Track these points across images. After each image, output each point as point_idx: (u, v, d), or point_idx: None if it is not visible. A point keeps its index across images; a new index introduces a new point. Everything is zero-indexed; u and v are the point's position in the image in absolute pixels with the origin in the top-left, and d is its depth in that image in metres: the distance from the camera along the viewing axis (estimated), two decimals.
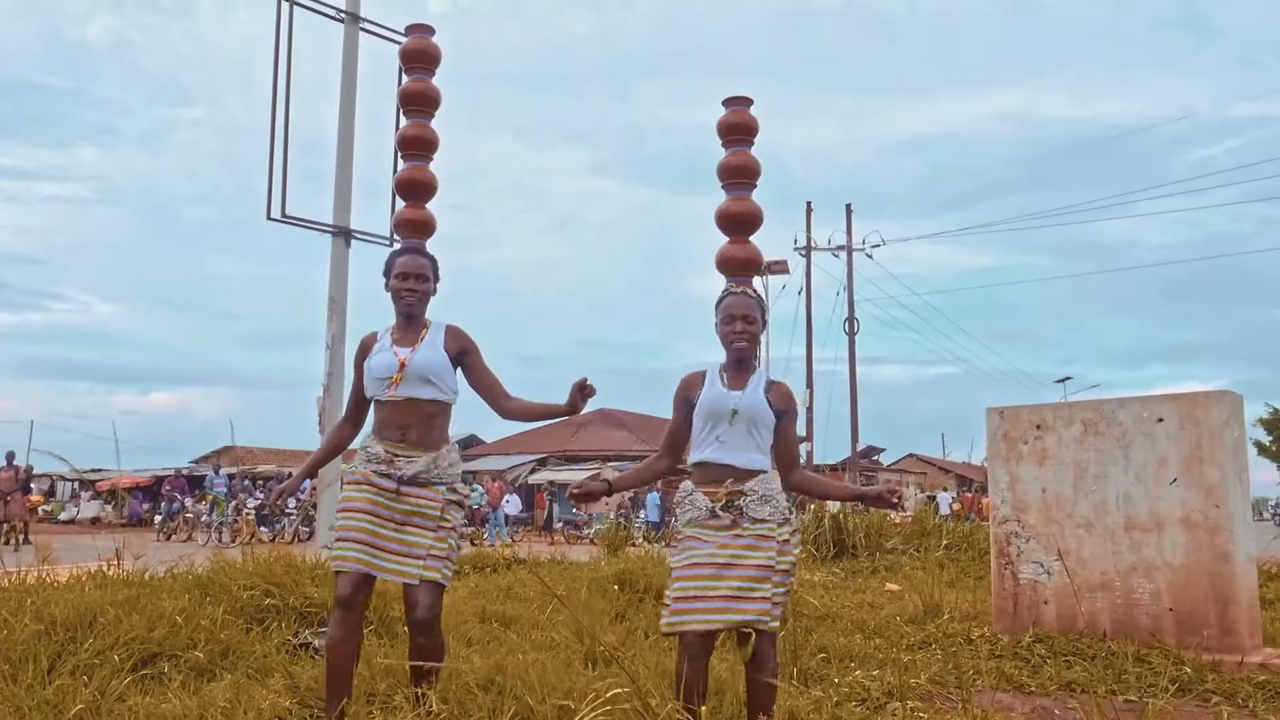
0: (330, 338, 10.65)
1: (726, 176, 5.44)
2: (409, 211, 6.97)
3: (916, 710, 4.27)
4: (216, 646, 4.71)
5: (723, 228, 5.47)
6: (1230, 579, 5.42)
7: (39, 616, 4.60)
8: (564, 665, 4.69)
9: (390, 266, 4.02)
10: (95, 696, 3.87)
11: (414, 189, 6.96)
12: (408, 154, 6.99)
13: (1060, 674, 5.10)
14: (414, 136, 6.93)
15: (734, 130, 5.44)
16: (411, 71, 6.93)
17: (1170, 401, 5.77)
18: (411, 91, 6.88)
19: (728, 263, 5.42)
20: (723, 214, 5.46)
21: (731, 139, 5.43)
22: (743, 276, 5.39)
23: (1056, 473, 6.05)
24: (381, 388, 3.86)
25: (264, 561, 6.00)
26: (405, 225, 6.91)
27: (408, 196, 6.99)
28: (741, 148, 5.45)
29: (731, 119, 5.46)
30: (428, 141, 7.00)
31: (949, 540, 11.92)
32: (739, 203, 5.44)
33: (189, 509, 24.16)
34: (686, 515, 3.49)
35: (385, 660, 4.43)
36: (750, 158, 5.46)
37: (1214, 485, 5.53)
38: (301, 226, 10.77)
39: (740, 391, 3.55)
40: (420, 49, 6.88)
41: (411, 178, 6.95)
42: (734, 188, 5.44)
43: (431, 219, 7.04)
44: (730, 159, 5.45)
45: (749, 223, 5.52)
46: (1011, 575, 6.13)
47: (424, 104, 6.94)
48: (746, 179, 5.48)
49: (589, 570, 7.94)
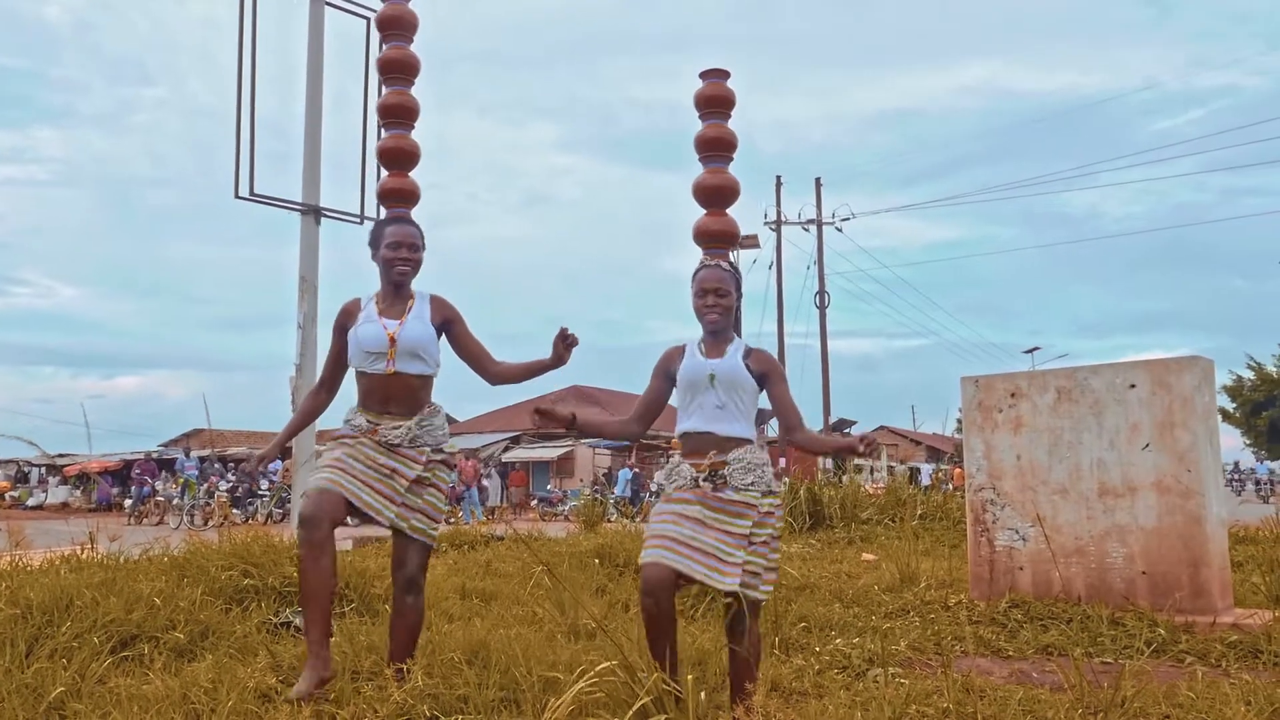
0: (302, 317, 10.57)
1: (704, 149, 5.43)
2: (393, 180, 6.92)
3: (897, 676, 4.32)
4: (196, 627, 4.68)
5: (700, 200, 5.46)
6: (1202, 542, 5.50)
7: (14, 601, 4.55)
8: (547, 639, 4.70)
9: (379, 236, 3.95)
10: (75, 679, 3.84)
11: (397, 157, 6.91)
12: (389, 122, 6.93)
13: (1037, 638, 5.17)
14: (395, 104, 6.87)
15: (711, 103, 5.42)
16: (389, 39, 6.86)
17: (1142, 368, 5.83)
18: (390, 59, 6.81)
19: (704, 235, 5.41)
20: (700, 186, 5.45)
21: (708, 111, 5.40)
22: (720, 249, 5.40)
23: (1031, 440, 6.11)
24: (369, 361, 3.82)
25: (241, 542, 5.97)
26: (390, 195, 6.85)
27: (391, 165, 6.93)
28: (718, 120, 5.43)
29: (708, 91, 5.44)
30: (408, 109, 6.93)
31: (923, 510, 12.02)
32: (716, 175, 5.43)
33: (159, 492, 23.97)
34: (673, 484, 3.51)
35: (367, 638, 4.43)
36: (727, 130, 5.44)
37: (1186, 450, 5.60)
38: (270, 205, 10.66)
39: (719, 359, 3.57)
40: (397, 15, 6.81)
41: (395, 146, 6.89)
42: (711, 160, 5.43)
43: (416, 187, 6.98)
44: (707, 131, 5.43)
45: (726, 195, 5.51)
46: (987, 542, 6.19)
47: (404, 71, 6.87)
48: (723, 152, 5.47)
49: (568, 545, 7.95)
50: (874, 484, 19.56)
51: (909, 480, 16.97)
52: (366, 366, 3.84)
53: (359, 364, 3.85)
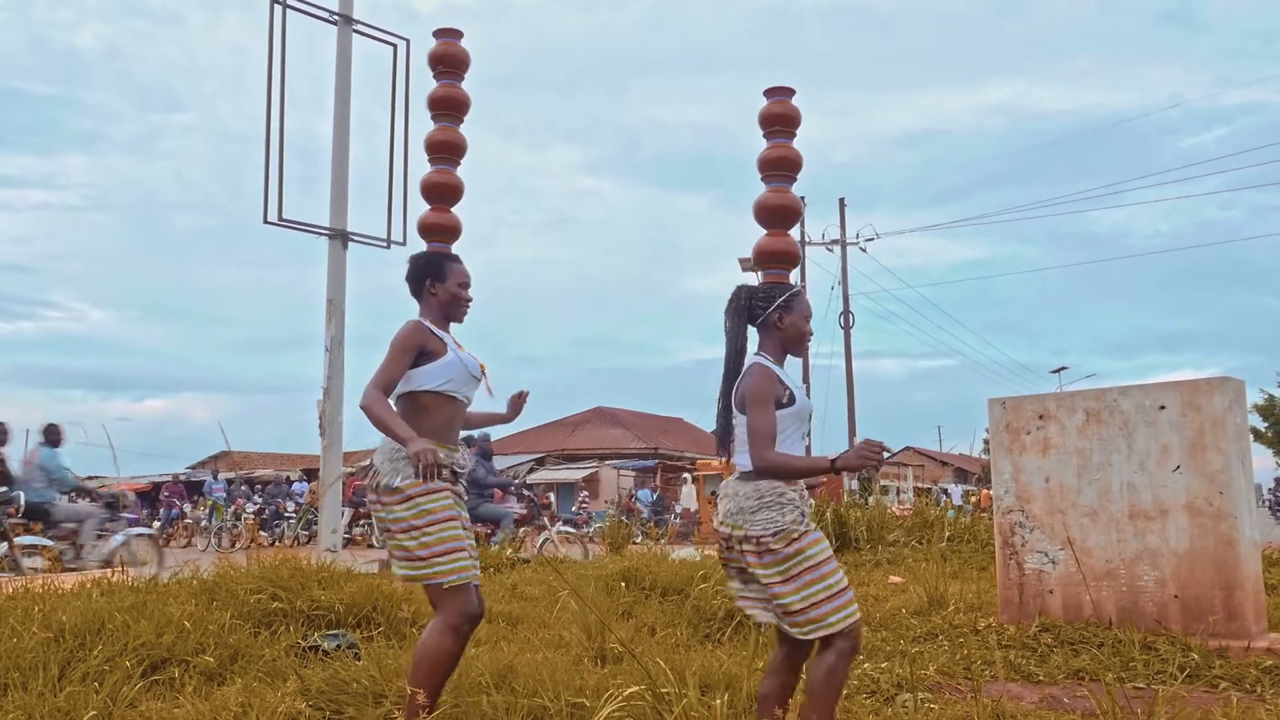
0: (329, 340, 10.66)
1: (767, 169, 5.39)
2: (434, 215, 6.98)
3: (926, 701, 4.29)
4: (226, 651, 4.71)
5: (761, 220, 5.42)
6: (1235, 565, 5.43)
7: (47, 624, 4.60)
8: (574, 663, 4.70)
9: (444, 270, 3.88)
10: (107, 703, 3.88)
11: (442, 193, 6.99)
12: (435, 158, 7.00)
13: (1068, 663, 5.11)
14: (443, 141, 6.96)
15: (776, 121, 5.38)
16: (441, 76, 6.93)
17: (1172, 389, 5.78)
18: (441, 97, 6.89)
19: (765, 255, 5.36)
20: (761, 206, 5.41)
21: (773, 130, 5.37)
22: (781, 270, 5.36)
23: (1060, 462, 6.06)
24: (468, 387, 3.79)
25: (269, 565, 6.01)
26: (433, 229, 6.90)
27: (435, 200, 6.99)
28: (783, 140, 5.40)
29: (773, 110, 5.41)
30: (456, 146, 7.03)
31: (951, 532, 11.93)
32: (779, 194, 5.39)
33: (188, 515, 24.14)
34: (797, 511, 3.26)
35: (395, 662, 4.44)
36: (792, 150, 5.42)
37: (1217, 471, 5.54)
38: (299, 230, 10.78)
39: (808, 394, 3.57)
40: (449, 53, 6.88)
41: (441, 181, 6.97)
42: (774, 179, 5.40)
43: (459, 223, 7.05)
44: (771, 151, 5.40)
45: (789, 215, 5.49)
46: (1016, 565, 6.14)
47: (454, 108, 6.95)
48: (788, 171, 5.44)
49: (593, 568, 7.94)
50: (900, 505, 19.44)
51: (948, 505, 16.81)
52: (459, 392, 3.76)
53: (455, 388, 3.75)
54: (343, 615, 5.52)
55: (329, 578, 6.00)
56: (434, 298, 3.87)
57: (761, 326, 3.51)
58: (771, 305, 3.48)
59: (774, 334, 3.50)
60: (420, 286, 3.89)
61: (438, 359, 3.71)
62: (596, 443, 39.90)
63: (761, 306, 3.50)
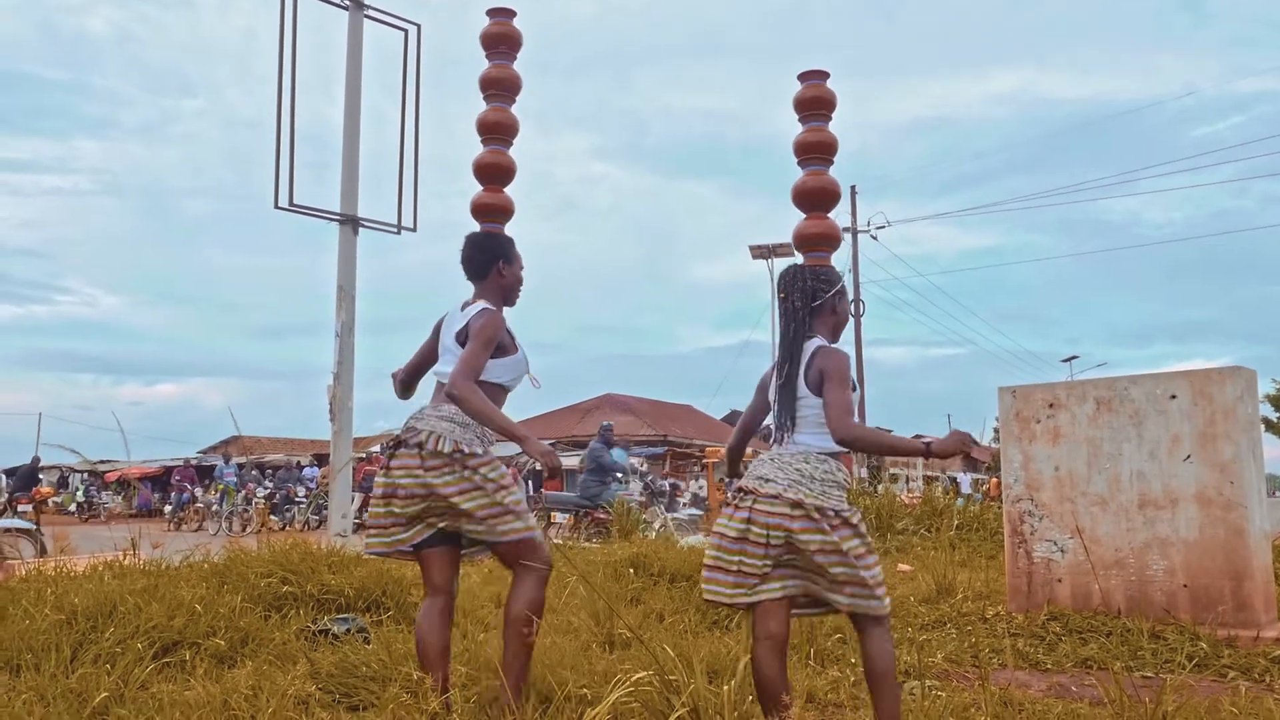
0: (340, 326, 10.68)
1: (804, 152, 5.34)
2: (489, 195, 6.90)
3: (935, 689, 4.29)
4: (236, 634, 4.74)
5: (800, 204, 5.37)
6: (1245, 554, 5.42)
7: (59, 606, 4.63)
8: (583, 649, 4.71)
9: (513, 253, 3.89)
10: (119, 684, 3.90)
11: (495, 173, 6.91)
12: (488, 138, 6.92)
13: (1076, 651, 5.11)
14: (495, 121, 6.90)
15: (811, 105, 5.33)
16: (493, 57, 6.84)
17: (1183, 378, 5.76)
18: (493, 77, 6.81)
19: (806, 239, 5.30)
20: (800, 190, 5.36)
21: (809, 114, 5.30)
22: (822, 252, 5.32)
23: (1070, 451, 6.05)
24: (520, 380, 3.82)
25: (280, 550, 6.03)
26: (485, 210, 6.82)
27: (488, 180, 6.92)
28: (819, 123, 5.34)
29: (809, 94, 5.37)
30: (509, 126, 6.95)
31: (959, 520, 11.92)
32: (817, 177, 5.34)
33: (199, 499, 24.25)
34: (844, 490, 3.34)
35: (404, 646, 4.46)
36: (827, 133, 5.39)
37: (1228, 461, 5.52)
38: (310, 215, 10.79)
39: None
40: (502, 33, 6.80)
41: (493, 161, 6.89)
42: (811, 163, 5.34)
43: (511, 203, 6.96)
44: (807, 135, 5.36)
45: (828, 198, 5.44)
46: (1025, 554, 6.13)
47: (506, 88, 6.87)
48: (824, 154, 5.38)
49: (602, 554, 7.96)
50: (909, 493, 19.42)
51: (955, 492, 16.79)
52: (514, 384, 3.81)
53: (514, 383, 3.79)
54: (352, 599, 5.55)
55: (339, 562, 6.03)
56: (501, 280, 3.85)
57: (818, 310, 3.49)
58: (832, 289, 3.50)
59: (828, 319, 3.51)
60: (489, 268, 3.85)
61: (509, 354, 3.73)
62: None
63: (824, 289, 3.49)
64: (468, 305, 3.84)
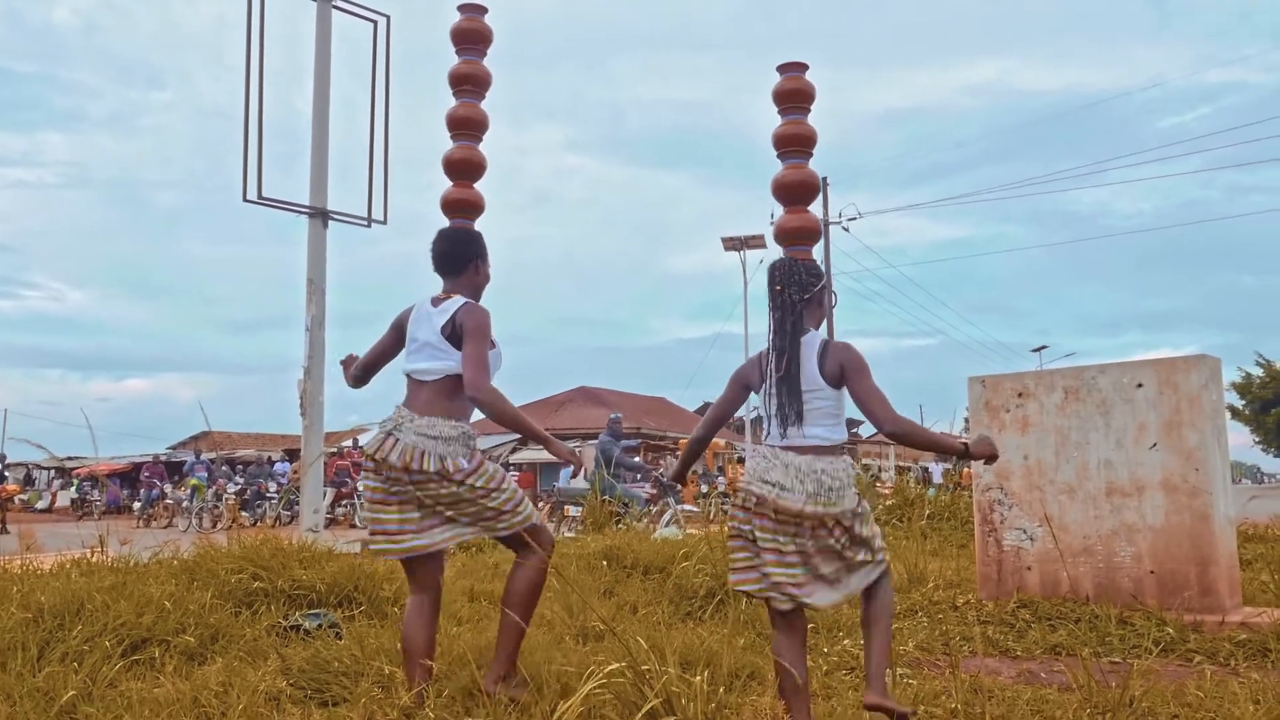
0: (310, 320, 10.59)
1: (783, 145, 5.30)
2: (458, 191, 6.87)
3: (906, 677, 4.33)
4: (206, 631, 4.70)
5: (780, 197, 5.34)
6: (1210, 540, 5.49)
7: (26, 604, 4.58)
8: (556, 641, 4.72)
9: (487, 252, 3.99)
10: (86, 682, 3.87)
11: (465, 169, 6.88)
12: (458, 134, 6.89)
13: (1045, 638, 5.17)
14: (465, 117, 6.86)
15: (791, 98, 5.30)
16: (462, 52, 6.81)
17: (1149, 367, 5.82)
18: (463, 73, 6.78)
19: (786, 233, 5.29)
20: (780, 183, 5.32)
21: (787, 107, 5.27)
22: (803, 246, 5.30)
23: (1038, 440, 6.10)
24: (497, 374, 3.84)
25: (251, 545, 5.99)
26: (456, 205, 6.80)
27: (458, 176, 6.89)
28: (798, 115, 5.31)
29: (787, 86, 5.32)
30: (478, 122, 6.92)
31: (930, 510, 12.01)
32: (796, 170, 5.31)
33: (168, 495, 24.04)
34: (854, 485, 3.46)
35: (376, 641, 4.44)
36: (806, 126, 5.36)
37: (1193, 449, 5.59)
38: (279, 208, 10.69)
39: None
40: (471, 29, 6.76)
41: (464, 158, 6.86)
42: (790, 155, 5.32)
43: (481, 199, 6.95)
44: (787, 128, 5.32)
45: (808, 191, 5.42)
46: (995, 542, 6.19)
47: (475, 85, 6.85)
48: (804, 147, 5.36)
49: (575, 547, 7.96)
50: (881, 484, 19.53)
51: (925, 483, 16.90)
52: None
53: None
54: (324, 595, 5.51)
55: (310, 557, 5.99)
56: (476, 277, 3.92)
57: (808, 302, 3.51)
58: (820, 282, 3.54)
59: (816, 311, 3.55)
60: (466, 265, 3.89)
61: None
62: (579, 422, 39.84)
63: (814, 282, 3.52)
64: (440, 301, 3.82)
